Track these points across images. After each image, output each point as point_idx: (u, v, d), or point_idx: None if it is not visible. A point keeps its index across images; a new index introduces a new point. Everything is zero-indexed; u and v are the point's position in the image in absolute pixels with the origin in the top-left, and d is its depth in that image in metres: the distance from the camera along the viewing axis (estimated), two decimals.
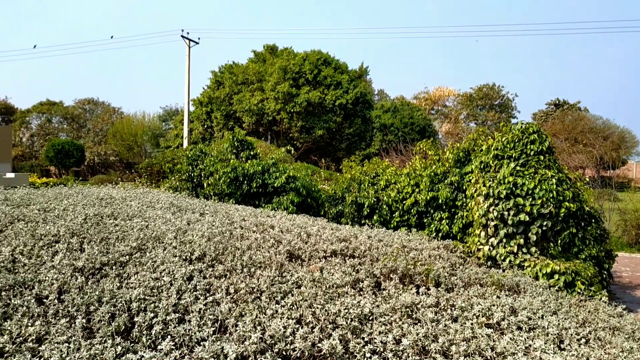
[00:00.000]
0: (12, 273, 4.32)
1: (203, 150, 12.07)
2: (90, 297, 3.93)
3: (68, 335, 3.45)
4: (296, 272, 5.04)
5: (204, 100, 38.19)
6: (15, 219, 5.98)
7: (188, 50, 35.90)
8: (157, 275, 4.47)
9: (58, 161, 39.87)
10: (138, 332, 3.63)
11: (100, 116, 53.34)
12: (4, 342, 3.28)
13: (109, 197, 7.96)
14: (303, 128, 32.75)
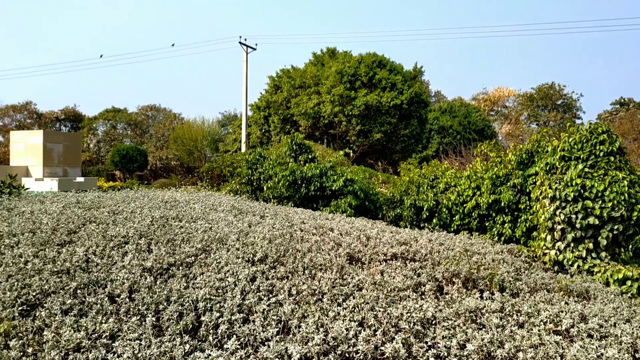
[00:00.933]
0: (86, 272, 4.53)
1: (262, 154, 12.27)
2: (159, 296, 4.06)
3: (139, 332, 3.58)
4: (357, 274, 5.04)
5: (262, 105, 38.81)
6: (87, 220, 6.26)
7: (246, 56, 36.60)
8: (222, 276, 4.57)
9: (123, 166, 41.44)
10: (205, 331, 3.73)
11: (162, 122, 55.04)
12: (81, 337, 3.44)
13: (173, 200, 8.21)
14: (361, 131, 32.70)
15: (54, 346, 3.35)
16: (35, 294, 4.06)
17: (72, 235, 5.60)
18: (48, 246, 5.19)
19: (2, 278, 4.34)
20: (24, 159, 19.93)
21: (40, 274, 4.41)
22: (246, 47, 36.50)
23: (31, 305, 3.98)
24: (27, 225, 5.89)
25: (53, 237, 5.47)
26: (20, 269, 4.53)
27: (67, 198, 8.08)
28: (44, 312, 3.78)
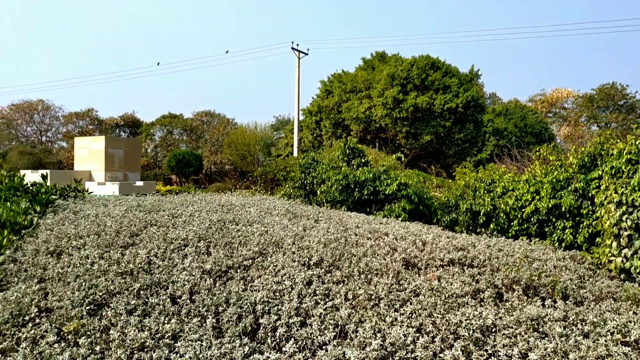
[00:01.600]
0: (149, 274, 4.67)
1: (315, 158, 12.34)
2: (218, 298, 4.15)
3: (200, 333, 3.66)
4: (413, 280, 4.98)
5: (314, 110, 39.05)
6: (149, 223, 6.46)
7: (298, 61, 36.94)
8: (279, 279, 4.62)
9: (179, 170, 42.53)
10: (263, 334, 3.78)
11: (216, 127, 56.17)
12: (145, 337, 3.55)
13: (230, 204, 8.36)
14: (409, 134, 32.35)
15: (119, 345, 3.47)
16: (101, 294, 4.21)
17: (135, 238, 5.79)
18: (112, 248, 5.38)
19: (70, 278, 4.54)
20: (87, 164, 20.78)
21: (105, 275, 4.58)
22: (298, 52, 36.84)
23: (98, 304, 4.13)
24: (92, 227, 6.13)
25: (117, 239, 5.67)
26: (87, 269, 4.72)
27: (129, 201, 8.37)
28: (110, 311, 3.92)
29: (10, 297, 4.07)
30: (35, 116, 57.56)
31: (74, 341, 3.58)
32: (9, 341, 3.53)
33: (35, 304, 3.99)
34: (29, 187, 8.50)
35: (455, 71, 34.07)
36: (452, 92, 32.03)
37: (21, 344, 3.50)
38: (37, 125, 57.98)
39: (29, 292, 4.18)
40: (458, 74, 34.10)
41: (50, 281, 4.56)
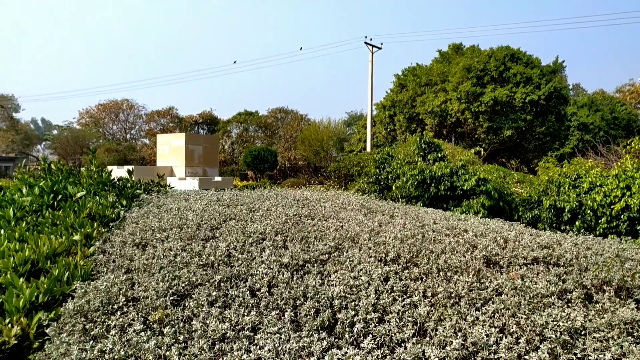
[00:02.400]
0: (229, 266, 4.77)
1: (390, 153, 12.20)
2: (296, 292, 4.17)
3: (278, 326, 3.69)
4: (495, 278, 4.80)
5: (387, 104, 38.69)
6: (228, 217, 6.60)
7: (371, 55, 36.69)
8: (355, 275, 4.58)
9: (254, 166, 43.48)
10: (341, 329, 3.75)
11: (290, 123, 56.95)
12: (225, 328, 3.62)
13: (305, 199, 8.41)
14: (490, 129, 31.35)
15: (202, 335, 3.56)
16: (184, 285, 4.35)
17: (215, 231, 5.95)
18: (194, 241, 5.55)
19: (155, 269, 4.71)
20: (168, 160, 21.64)
21: (188, 267, 4.72)
22: (371, 46, 36.58)
23: (181, 295, 4.27)
24: (174, 220, 6.35)
25: (198, 232, 5.84)
26: (171, 261, 4.89)
27: (208, 196, 8.61)
28: (192, 302, 4.04)
29: (100, 286, 4.27)
30: (121, 115, 60.62)
31: (159, 330, 3.71)
32: (99, 328, 3.70)
33: (122, 294, 4.17)
34: (116, 182, 8.93)
35: (536, 62, 32.63)
36: (533, 84, 30.67)
37: (110, 331, 3.67)
38: (122, 123, 61.06)
39: (117, 282, 4.38)
40: (539, 65, 32.63)
41: (136, 272, 4.76)
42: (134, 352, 3.33)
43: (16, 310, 3.87)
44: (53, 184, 7.50)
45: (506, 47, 32.79)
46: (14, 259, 4.69)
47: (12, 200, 6.90)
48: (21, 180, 8.03)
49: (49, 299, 4.17)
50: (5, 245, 5.08)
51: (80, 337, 3.61)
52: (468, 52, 34.95)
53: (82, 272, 4.69)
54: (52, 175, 8.64)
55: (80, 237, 5.60)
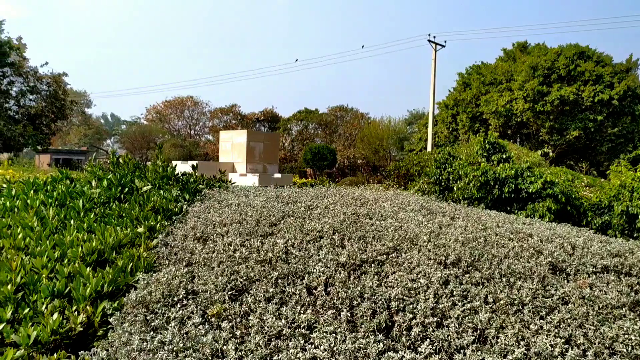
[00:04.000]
0: (286, 263, 4.78)
1: (451, 153, 11.94)
2: (352, 292, 4.12)
3: (334, 326, 3.66)
4: (561, 286, 4.58)
5: (450, 103, 37.96)
6: (286, 214, 6.64)
7: (434, 54, 36.08)
8: (414, 277, 4.49)
9: (313, 163, 43.70)
10: (398, 332, 3.68)
11: (350, 122, 56.85)
12: (282, 325, 3.62)
13: (363, 198, 8.35)
14: (553, 129, 30.12)
15: (258, 331, 3.58)
16: (242, 281, 4.39)
17: (273, 227, 5.98)
18: (253, 236, 5.60)
19: (214, 263, 4.79)
20: (230, 156, 22.07)
21: (246, 262, 4.77)
22: (435, 44, 35.97)
23: (239, 290, 4.31)
24: (234, 216, 6.44)
25: (257, 228, 5.90)
26: (230, 256, 4.95)
27: (268, 192, 8.69)
28: (249, 298, 4.07)
29: (162, 278, 4.38)
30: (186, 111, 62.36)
31: (216, 324, 3.76)
32: (159, 319, 3.79)
33: (183, 286, 4.26)
34: (179, 177, 9.17)
35: (607, 60, 31.07)
36: (604, 83, 29.22)
37: (170, 322, 3.74)
38: (186, 119, 62.81)
39: (178, 274, 4.47)
40: (611, 63, 31.05)
41: (196, 265, 4.85)
42: (192, 345, 3.39)
43: (83, 298, 4.02)
44: (121, 178, 7.78)
45: (575, 45, 31.43)
46: (82, 248, 4.89)
47: (81, 192, 7.20)
48: (91, 173, 8.38)
49: (113, 288, 4.31)
50: (74, 235, 5.30)
51: (142, 328, 3.70)
52: (534, 50, 33.74)
53: (145, 264, 4.82)
54: (119, 168, 8.97)
55: (144, 229, 5.77)
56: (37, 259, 4.53)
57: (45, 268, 4.49)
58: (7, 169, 15.64)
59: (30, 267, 4.50)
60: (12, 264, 4.42)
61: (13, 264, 4.41)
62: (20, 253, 4.86)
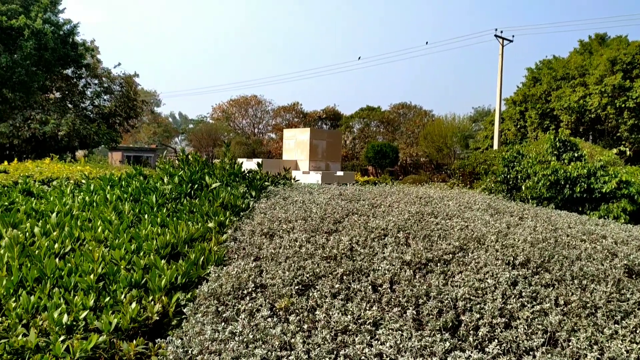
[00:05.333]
0: (351, 260, 4.83)
1: (520, 151, 11.61)
2: (418, 290, 4.12)
3: (400, 323, 3.68)
4: (638, 290, 4.40)
5: (518, 99, 36.84)
6: (350, 212, 6.69)
7: (501, 49, 35.11)
8: (481, 277, 4.43)
9: (375, 161, 43.58)
10: (465, 331, 3.66)
11: (412, 119, 56.27)
12: (347, 321, 3.68)
13: (427, 196, 8.28)
14: (635, 127, 28.62)
15: (325, 326, 3.65)
16: (308, 276, 4.48)
17: (338, 225, 6.05)
18: (317, 233, 5.69)
19: (281, 259, 4.90)
20: (293, 154, 22.37)
21: (312, 258, 4.86)
22: (502, 39, 34.99)
23: (305, 285, 4.40)
24: (299, 213, 6.55)
25: (321, 225, 5.98)
26: (296, 252, 5.05)
27: (331, 190, 8.77)
28: (316, 293, 4.15)
29: (232, 271, 4.53)
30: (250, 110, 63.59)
31: (284, 317, 3.87)
32: (230, 311, 3.93)
33: (252, 280, 4.39)
34: (246, 174, 9.40)
35: None
36: None
37: (240, 314, 3.88)
38: (250, 118, 64.05)
39: (246, 268, 4.62)
40: None
41: (264, 260, 4.98)
42: (261, 337, 3.50)
43: (158, 289, 4.23)
44: (191, 174, 8.07)
45: None
46: (157, 242, 5.13)
47: (154, 188, 7.53)
48: (163, 170, 8.74)
49: (186, 280, 4.50)
50: (149, 229, 5.56)
51: (213, 319, 3.86)
52: (614, 43, 32.13)
53: (216, 258, 5.00)
54: (189, 166, 9.30)
55: (214, 224, 5.98)
56: (116, 251, 4.79)
57: (123, 260, 4.74)
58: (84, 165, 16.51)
59: (109, 259, 4.78)
60: (94, 254, 4.70)
61: (95, 255, 4.70)
62: (100, 245, 5.16)
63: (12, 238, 4.95)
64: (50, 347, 3.45)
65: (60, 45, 33.52)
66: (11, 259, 4.66)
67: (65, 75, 37.30)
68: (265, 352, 3.30)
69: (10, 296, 4.13)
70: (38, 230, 5.46)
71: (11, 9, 31.78)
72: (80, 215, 6.23)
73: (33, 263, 4.60)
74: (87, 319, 3.80)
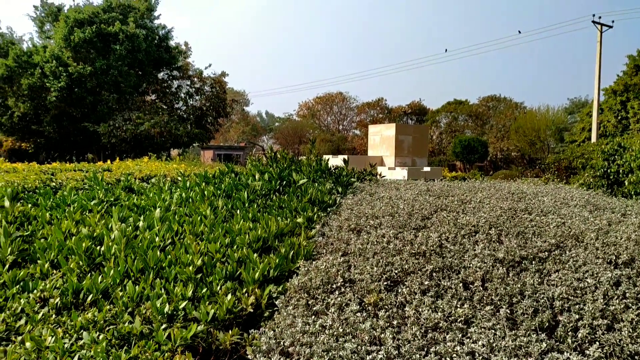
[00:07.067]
0: (440, 257, 4.76)
1: (621, 143, 10.89)
2: (512, 288, 4.00)
3: (493, 322, 3.59)
4: None
5: (618, 89, 34.55)
6: (438, 208, 6.59)
7: (599, 36, 33.03)
8: (580, 276, 4.22)
9: (463, 156, 42.49)
10: (562, 332, 3.50)
11: (503, 112, 54.29)
12: (438, 318, 3.63)
13: (520, 192, 7.98)
14: None
15: (414, 322, 3.63)
16: (396, 272, 4.46)
17: (426, 221, 5.98)
18: (405, 229, 5.65)
19: (369, 254, 4.92)
20: (379, 150, 22.28)
21: (400, 254, 4.83)
22: (600, 25, 32.91)
23: (394, 281, 4.39)
24: (386, 209, 6.54)
25: (409, 221, 5.93)
26: (384, 247, 5.05)
27: (418, 186, 8.67)
28: (404, 289, 4.13)
29: (321, 266, 4.61)
30: (334, 107, 64.05)
31: (373, 313, 3.88)
32: (320, 305, 4.00)
33: (340, 275, 4.45)
34: (332, 170, 9.50)
35: None
36: None
37: (330, 308, 3.94)
38: (335, 115, 64.51)
39: (335, 263, 4.68)
40: None
41: (351, 255, 5.02)
42: (351, 331, 3.54)
43: (252, 281, 4.39)
44: (280, 171, 8.28)
45: None
46: (249, 236, 5.31)
47: (246, 184, 7.79)
48: (254, 167, 9.02)
49: (278, 274, 4.64)
50: (241, 224, 5.77)
51: (304, 312, 3.94)
52: None
53: (305, 252, 5.10)
54: (277, 163, 9.54)
55: (302, 220, 6.10)
56: (212, 245, 5.02)
57: (219, 253, 4.96)
58: (179, 163, 17.36)
59: (206, 252, 5.01)
60: (194, 247, 4.96)
61: (195, 248, 4.95)
62: (196, 239, 5.42)
63: (120, 231, 5.32)
64: (153, 334, 3.68)
65: (154, 48, 35.47)
66: (118, 251, 5.01)
67: (160, 79, 39.42)
68: (355, 346, 3.33)
69: (117, 285, 4.44)
70: (142, 224, 5.83)
71: (112, 17, 34.05)
72: (178, 210, 6.57)
73: (137, 255, 4.91)
74: (186, 308, 4.01)
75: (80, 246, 5.02)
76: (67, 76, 31.18)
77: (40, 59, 31.77)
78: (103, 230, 5.60)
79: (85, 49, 32.96)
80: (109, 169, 13.51)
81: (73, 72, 31.35)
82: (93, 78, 32.15)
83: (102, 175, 9.45)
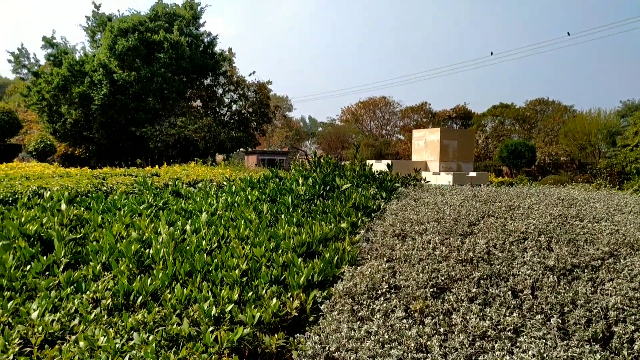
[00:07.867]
0: (488, 264, 4.67)
1: None
2: (563, 297, 3.88)
3: (544, 331, 3.49)
4: None
5: None
6: (485, 214, 6.46)
7: None
8: (635, 286, 4.06)
9: (510, 161, 41.53)
10: (617, 344, 3.38)
11: (551, 116, 52.84)
12: (486, 326, 3.56)
13: (571, 198, 7.75)
14: None
15: (462, 330, 3.57)
16: (443, 279, 4.40)
17: (473, 227, 5.87)
18: (452, 235, 5.57)
19: (415, 260, 4.87)
20: (423, 155, 22.06)
21: (446, 261, 4.77)
22: None
23: (440, 288, 4.33)
24: (432, 214, 6.46)
25: (455, 227, 5.85)
26: (429, 254, 4.99)
27: (464, 191, 8.53)
28: (451, 296, 4.07)
29: (365, 271, 4.59)
30: (377, 112, 63.79)
31: (419, 320, 3.84)
32: (365, 310, 3.99)
33: (385, 281, 4.42)
34: (376, 175, 9.46)
35: None
36: None
37: (375, 314, 3.92)
38: (378, 119, 64.24)
39: (380, 269, 4.65)
40: None
41: (397, 261, 4.99)
42: (396, 338, 3.51)
43: (297, 286, 4.41)
44: (324, 176, 8.31)
45: None
46: (293, 241, 5.34)
47: (290, 189, 7.85)
48: (298, 172, 9.08)
49: (322, 278, 4.64)
50: (285, 228, 5.81)
51: (349, 317, 3.93)
52: None
53: (349, 257, 5.10)
54: (321, 168, 9.57)
55: (346, 225, 6.09)
56: (257, 249, 5.07)
57: (264, 257, 5.01)
58: (225, 168, 17.64)
59: (251, 256, 5.07)
60: (239, 251, 5.02)
61: (240, 252, 5.01)
62: (242, 243, 5.49)
63: (169, 235, 5.44)
64: (200, 337, 3.74)
65: (199, 55, 36.25)
66: (166, 254, 5.13)
67: (205, 85, 40.22)
68: (401, 352, 3.30)
69: (165, 288, 4.55)
70: (189, 228, 5.95)
71: (158, 25, 35.00)
72: (223, 214, 6.68)
73: (185, 258, 5.01)
74: (232, 311, 4.06)
75: (130, 249, 5.16)
76: (109, 83, 32.21)
77: (90, 67, 32.94)
78: (152, 234, 5.75)
79: (130, 57, 33.97)
80: (157, 173, 13.86)
81: (118, 79, 32.37)
82: (137, 85, 33.10)
83: (151, 180, 9.70)
